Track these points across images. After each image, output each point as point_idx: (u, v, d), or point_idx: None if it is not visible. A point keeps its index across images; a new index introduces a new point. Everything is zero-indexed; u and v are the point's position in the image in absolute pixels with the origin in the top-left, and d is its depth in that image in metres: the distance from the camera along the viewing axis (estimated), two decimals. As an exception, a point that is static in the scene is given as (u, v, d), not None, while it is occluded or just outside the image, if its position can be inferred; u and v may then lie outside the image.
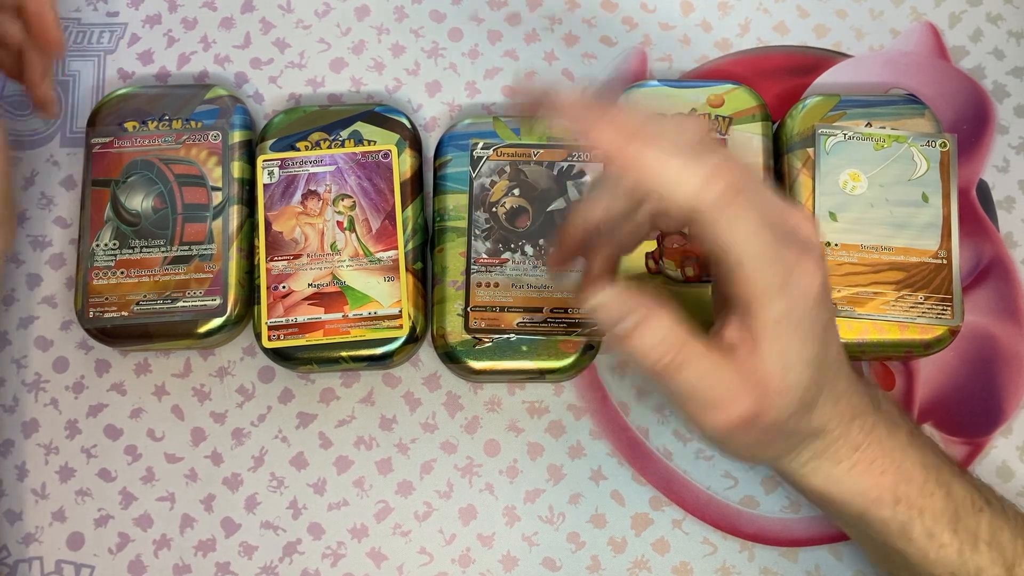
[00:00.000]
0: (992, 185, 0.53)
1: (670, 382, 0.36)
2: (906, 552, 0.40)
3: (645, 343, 0.35)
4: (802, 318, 0.35)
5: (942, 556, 0.40)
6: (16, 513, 0.49)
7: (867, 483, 0.40)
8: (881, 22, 0.55)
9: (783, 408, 0.36)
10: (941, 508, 0.40)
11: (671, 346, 0.35)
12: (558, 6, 0.55)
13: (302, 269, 0.48)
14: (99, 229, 0.49)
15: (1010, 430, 0.50)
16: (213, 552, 0.48)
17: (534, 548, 0.48)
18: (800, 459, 0.40)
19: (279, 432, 0.50)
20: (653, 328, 0.35)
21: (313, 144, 0.50)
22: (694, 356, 0.35)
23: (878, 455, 0.40)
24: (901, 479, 0.40)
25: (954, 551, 0.40)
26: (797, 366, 0.35)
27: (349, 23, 0.55)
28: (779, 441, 0.38)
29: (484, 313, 0.48)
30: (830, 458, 0.39)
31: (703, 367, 0.35)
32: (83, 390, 0.50)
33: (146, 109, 0.50)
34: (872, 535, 0.41)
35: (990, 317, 0.51)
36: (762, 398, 0.35)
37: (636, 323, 0.35)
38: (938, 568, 0.40)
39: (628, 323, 0.35)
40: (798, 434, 0.38)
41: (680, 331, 0.35)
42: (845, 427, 0.39)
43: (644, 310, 0.35)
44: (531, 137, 0.50)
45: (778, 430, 0.37)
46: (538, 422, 0.50)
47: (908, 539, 0.40)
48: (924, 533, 0.40)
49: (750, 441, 0.37)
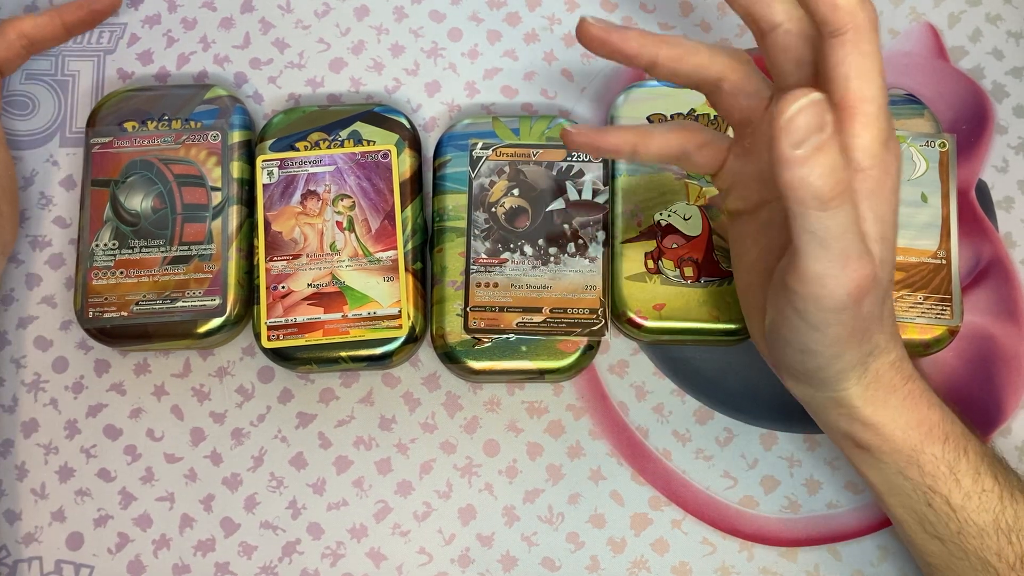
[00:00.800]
0: (991, 185, 0.53)
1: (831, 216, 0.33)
2: (951, 495, 0.40)
3: (831, 162, 0.32)
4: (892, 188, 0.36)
5: (984, 501, 0.40)
6: (15, 513, 0.49)
7: (920, 415, 0.40)
8: (880, 22, 0.55)
9: (883, 285, 0.37)
10: (982, 451, 0.40)
11: (845, 174, 0.33)
12: (558, 6, 0.55)
13: (301, 269, 0.48)
14: (98, 229, 0.49)
15: (1009, 430, 0.50)
16: (212, 552, 0.48)
17: (533, 548, 0.48)
18: (866, 379, 0.39)
19: (278, 432, 0.50)
20: (837, 148, 0.33)
21: (312, 144, 0.50)
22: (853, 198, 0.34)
23: (925, 389, 0.40)
24: (947, 416, 0.40)
25: (996, 496, 0.40)
26: (887, 238, 0.36)
27: (348, 23, 0.55)
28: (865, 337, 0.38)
29: (483, 313, 0.48)
30: (887, 384, 0.39)
31: (856, 214, 0.34)
32: (82, 390, 0.50)
33: (145, 109, 0.50)
34: (919, 478, 0.40)
35: (989, 317, 0.51)
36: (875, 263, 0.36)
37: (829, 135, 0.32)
38: (981, 514, 0.40)
39: (824, 134, 0.32)
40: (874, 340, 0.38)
41: None
42: (899, 352, 0.40)
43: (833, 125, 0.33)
44: (531, 137, 0.50)
45: (872, 319, 0.37)
46: (537, 422, 0.50)
47: (955, 479, 0.40)
48: (971, 472, 0.40)
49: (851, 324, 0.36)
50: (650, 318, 0.48)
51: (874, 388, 0.39)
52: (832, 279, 0.34)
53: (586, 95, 0.54)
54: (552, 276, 0.48)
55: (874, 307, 0.36)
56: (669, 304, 0.48)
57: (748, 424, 0.50)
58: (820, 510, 0.49)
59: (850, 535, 0.49)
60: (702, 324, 0.47)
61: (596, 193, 0.49)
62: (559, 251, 0.48)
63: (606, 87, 0.54)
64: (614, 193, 0.49)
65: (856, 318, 0.36)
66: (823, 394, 0.41)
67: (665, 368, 0.51)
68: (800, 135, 0.32)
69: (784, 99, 0.32)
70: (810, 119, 0.31)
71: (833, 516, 0.49)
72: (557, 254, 0.48)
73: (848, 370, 0.39)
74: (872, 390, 0.39)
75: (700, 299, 0.48)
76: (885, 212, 0.36)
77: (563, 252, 0.48)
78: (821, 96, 0.32)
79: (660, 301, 0.48)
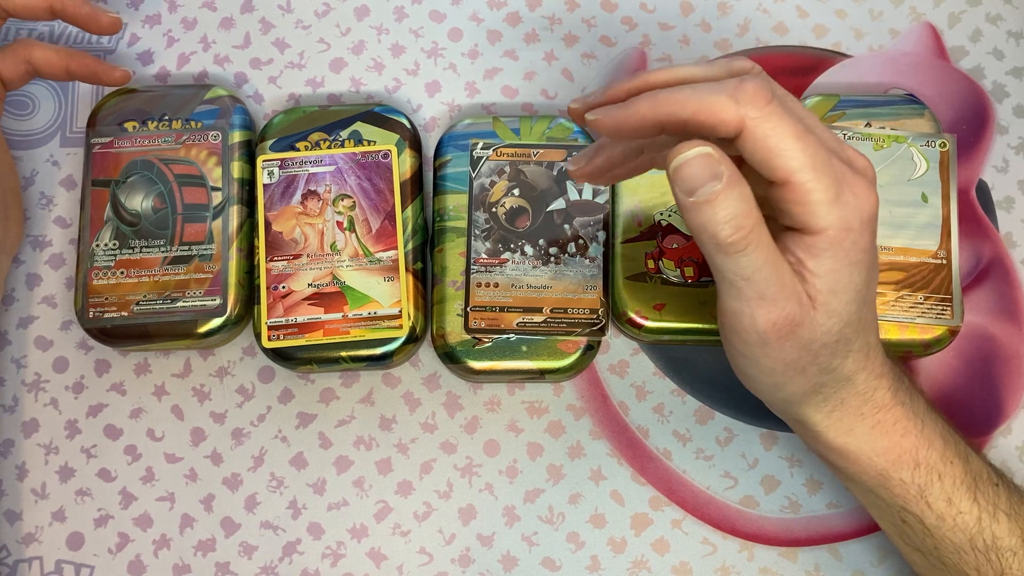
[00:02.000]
0: (991, 185, 0.53)
1: (734, 260, 0.35)
2: (924, 517, 0.40)
3: (727, 211, 0.34)
4: (855, 241, 0.35)
5: (960, 523, 0.40)
6: (16, 513, 0.49)
7: (889, 443, 0.40)
8: (880, 22, 0.55)
9: (825, 328, 0.36)
10: (961, 476, 0.40)
11: (748, 220, 0.34)
12: (558, 6, 0.55)
13: (302, 269, 0.48)
14: (99, 229, 0.49)
15: (1009, 430, 0.50)
16: (213, 552, 0.48)
17: (534, 548, 0.48)
18: (827, 407, 0.39)
19: (279, 432, 0.50)
20: (736, 197, 0.34)
21: (313, 144, 0.50)
22: (764, 240, 0.35)
23: (901, 417, 0.40)
24: (922, 443, 0.40)
25: (972, 519, 0.40)
26: (846, 292, 0.36)
27: (349, 23, 0.55)
28: (811, 371, 0.37)
29: (484, 313, 0.48)
30: (854, 412, 0.39)
31: (769, 255, 0.35)
32: (83, 390, 0.50)
33: (146, 109, 0.50)
34: (889, 498, 0.41)
35: (989, 317, 0.51)
36: (809, 310, 0.35)
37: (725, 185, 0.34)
38: (956, 534, 0.40)
39: (717, 185, 0.34)
40: (830, 373, 0.38)
41: (756, 207, 0.34)
42: (873, 383, 0.39)
43: (733, 175, 0.34)
44: (532, 137, 0.50)
45: (814, 355, 0.37)
46: (538, 422, 0.50)
47: (927, 503, 0.40)
48: (943, 498, 0.40)
49: (783, 359, 0.37)
50: (650, 318, 0.48)
51: (838, 415, 0.40)
52: (746, 317, 0.36)
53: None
54: (552, 276, 0.48)
55: (812, 345, 0.36)
56: (669, 304, 0.48)
57: (748, 424, 0.50)
58: (820, 510, 0.49)
59: (850, 535, 0.49)
60: (702, 324, 0.47)
61: (596, 193, 0.49)
62: (559, 251, 0.48)
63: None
64: (614, 193, 0.49)
65: (786, 353, 0.37)
66: (785, 415, 0.41)
67: (665, 368, 0.51)
68: (689, 184, 0.34)
69: (673, 150, 0.34)
70: (697, 170, 0.34)
71: (833, 516, 0.49)
72: (557, 254, 0.48)
73: (799, 397, 0.39)
74: (835, 418, 0.40)
75: (700, 299, 0.48)
76: (840, 266, 0.36)
77: (563, 252, 0.48)
78: (709, 149, 0.34)
79: (660, 301, 0.48)
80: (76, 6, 0.48)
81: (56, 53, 0.48)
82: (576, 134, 0.50)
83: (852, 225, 0.35)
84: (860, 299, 0.36)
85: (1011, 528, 0.40)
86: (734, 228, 0.34)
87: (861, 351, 0.38)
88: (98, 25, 0.49)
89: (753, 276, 0.35)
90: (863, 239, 0.35)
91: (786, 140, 0.34)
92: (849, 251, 0.35)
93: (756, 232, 0.34)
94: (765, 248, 0.35)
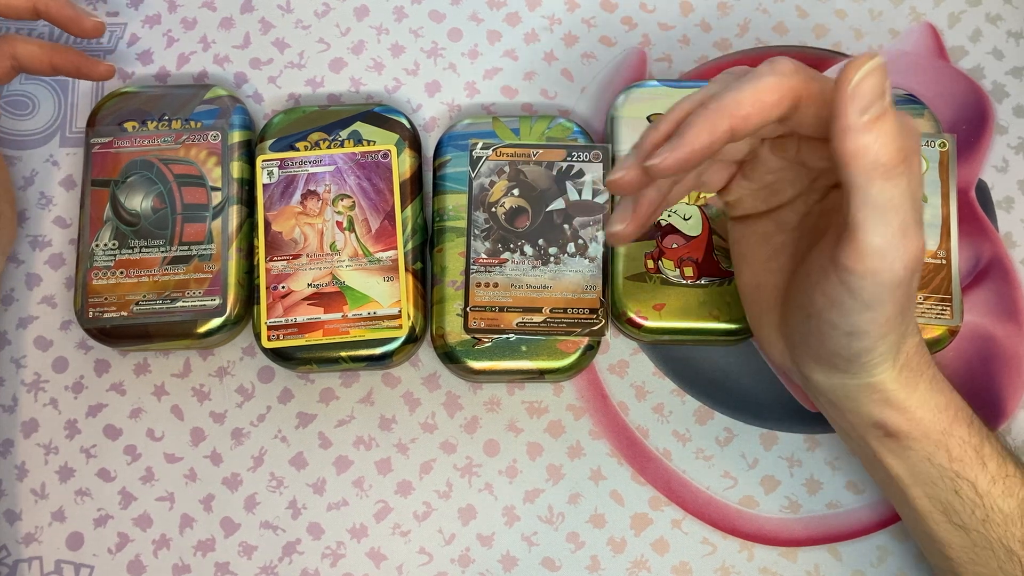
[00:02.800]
0: (991, 185, 0.53)
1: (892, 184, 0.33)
2: (977, 481, 0.40)
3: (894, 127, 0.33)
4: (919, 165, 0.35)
5: (1010, 486, 0.40)
6: (15, 513, 0.49)
7: (945, 398, 0.40)
8: (880, 22, 0.55)
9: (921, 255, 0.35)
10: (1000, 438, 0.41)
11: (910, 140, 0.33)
12: (558, 6, 0.55)
13: (301, 269, 0.48)
14: (98, 229, 0.49)
15: (1009, 430, 0.50)
16: (212, 552, 0.48)
17: (534, 548, 0.48)
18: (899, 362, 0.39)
19: (279, 432, 0.50)
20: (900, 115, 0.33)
21: (312, 144, 0.50)
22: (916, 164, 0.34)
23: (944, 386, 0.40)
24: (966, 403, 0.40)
25: (1020, 481, 0.40)
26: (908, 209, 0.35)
27: (348, 23, 0.55)
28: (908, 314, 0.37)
29: (483, 313, 0.48)
30: (915, 367, 0.39)
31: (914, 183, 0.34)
32: (82, 390, 0.50)
33: (145, 109, 0.50)
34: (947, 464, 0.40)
35: (989, 317, 0.51)
36: None
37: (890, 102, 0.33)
38: (1006, 499, 0.40)
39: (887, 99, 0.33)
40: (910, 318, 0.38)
41: None
42: (920, 335, 0.40)
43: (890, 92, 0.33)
44: (531, 137, 0.50)
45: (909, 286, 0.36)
46: (537, 422, 0.50)
47: (982, 463, 0.40)
48: (996, 456, 0.40)
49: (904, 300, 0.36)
50: (650, 318, 0.48)
51: (907, 371, 0.39)
52: (892, 252, 0.34)
53: (586, 95, 0.54)
54: (552, 276, 0.48)
55: (916, 279, 0.36)
56: (669, 304, 0.48)
57: (748, 424, 0.50)
58: (820, 510, 0.49)
59: (850, 535, 0.49)
60: (702, 324, 0.47)
61: (596, 193, 0.49)
62: (559, 251, 0.48)
63: (606, 87, 0.54)
64: (614, 193, 0.49)
65: (907, 295, 0.36)
66: (858, 381, 0.40)
67: (665, 368, 0.51)
68: (866, 101, 0.32)
69: (848, 66, 0.32)
70: (875, 84, 0.32)
71: (833, 516, 0.49)
72: (557, 254, 0.48)
73: (888, 351, 0.38)
74: (904, 372, 0.39)
75: (700, 299, 0.48)
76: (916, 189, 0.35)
77: (563, 252, 0.48)
78: (882, 60, 0.32)
79: (660, 301, 0.48)
80: (60, 8, 0.48)
81: (40, 48, 0.48)
82: (576, 134, 0.50)
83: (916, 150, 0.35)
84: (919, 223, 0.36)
85: None
86: (898, 147, 0.33)
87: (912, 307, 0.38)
88: (80, 28, 0.48)
89: (902, 204, 0.34)
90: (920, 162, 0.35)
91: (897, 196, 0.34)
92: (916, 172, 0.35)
93: (909, 156, 0.33)
94: (912, 175, 0.34)
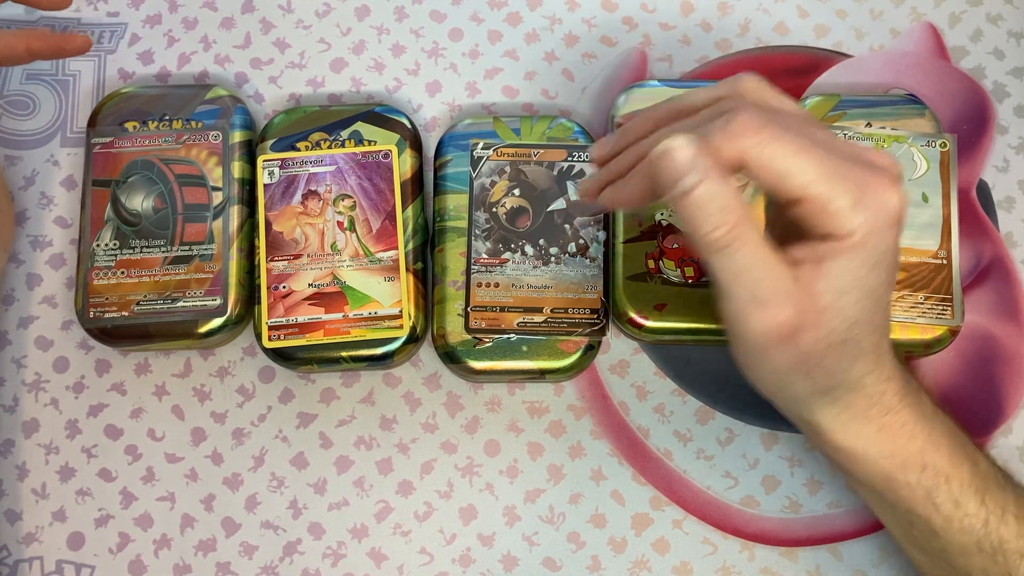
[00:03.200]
0: (992, 185, 0.53)
1: (723, 259, 0.34)
2: (931, 519, 0.40)
3: (708, 205, 0.33)
4: (878, 243, 0.34)
5: (967, 525, 0.40)
6: (16, 513, 0.49)
7: (895, 446, 0.39)
8: (881, 22, 0.55)
9: (827, 331, 0.35)
10: (968, 478, 0.40)
11: (732, 215, 0.33)
12: (558, 6, 0.55)
13: (302, 269, 0.48)
14: (99, 229, 0.49)
15: (1010, 430, 0.50)
16: (213, 552, 0.48)
17: (534, 548, 0.48)
18: (834, 409, 0.39)
19: (279, 432, 0.50)
20: (717, 189, 0.33)
21: (313, 144, 0.50)
22: (752, 239, 0.34)
23: (908, 420, 0.39)
24: (929, 446, 0.40)
25: (979, 521, 0.40)
26: (859, 291, 0.35)
27: (349, 23, 0.55)
28: (817, 373, 0.37)
29: (484, 313, 0.48)
30: (861, 415, 0.39)
31: (759, 255, 0.34)
32: (83, 390, 0.50)
33: (146, 109, 0.50)
34: (896, 501, 0.41)
35: (990, 317, 0.51)
36: (808, 314, 0.35)
37: (703, 177, 0.33)
38: (963, 536, 0.40)
39: (695, 176, 0.33)
40: (837, 376, 0.37)
41: (742, 204, 0.34)
42: (881, 387, 0.39)
43: (713, 168, 0.33)
44: (532, 137, 0.50)
45: (819, 358, 0.36)
46: (538, 422, 0.50)
47: (934, 505, 0.40)
48: (950, 500, 0.40)
49: (786, 363, 0.36)
50: (651, 318, 0.48)
51: (845, 418, 0.39)
52: (741, 321, 0.35)
53: (587, 95, 0.54)
54: (553, 276, 0.48)
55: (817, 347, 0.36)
56: (670, 304, 0.48)
57: (749, 424, 0.50)
58: (821, 510, 0.49)
59: (851, 535, 0.49)
60: (703, 324, 0.47)
61: (597, 193, 0.49)
62: (560, 251, 0.48)
63: (607, 87, 0.54)
64: (615, 193, 0.49)
65: (788, 356, 0.36)
66: (791, 416, 0.41)
67: (666, 368, 0.51)
68: (669, 177, 0.34)
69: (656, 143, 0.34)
70: (676, 163, 0.33)
71: (834, 516, 0.49)
72: (558, 254, 0.48)
73: (805, 399, 0.39)
74: (842, 420, 0.39)
75: (701, 299, 0.48)
76: (859, 267, 0.35)
77: (564, 252, 0.48)
78: (685, 141, 0.33)
79: (661, 301, 0.48)
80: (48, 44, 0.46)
81: (14, 36, 0.47)
82: (576, 134, 0.50)
83: (878, 226, 0.34)
84: (874, 299, 0.36)
85: (1019, 531, 0.40)
86: (716, 223, 0.33)
87: (872, 354, 0.38)
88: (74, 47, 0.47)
89: (742, 276, 0.34)
90: (888, 238, 0.35)
91: (789, 159, 0.34)
92: (872, 252, 0.34)
93: (741, 228, 0.34)
94: (753, 246, 0.34)
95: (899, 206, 0.35)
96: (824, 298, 0.35)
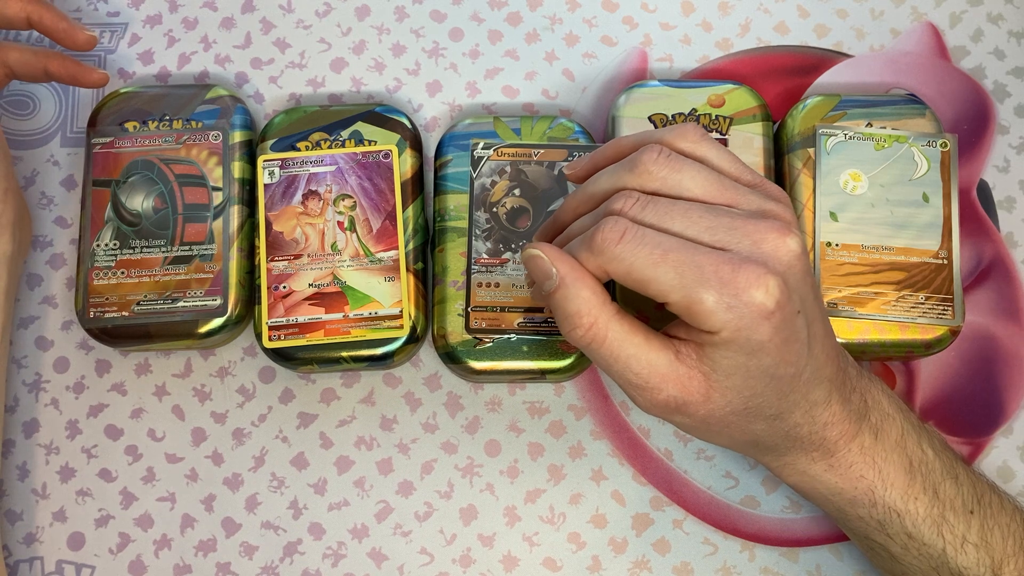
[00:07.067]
0: (993, 185, 0.53)
1: (590, 352, 0.36)
2: (887, 545, 0.41)
3: (568, 306, 0.35)
4: (750, 336, 0.34)
5: (924, 553, 0.40)
6: (17, 513, 0.49)
7: (844, 484, 0.40)
8: (882, 22, 0.55)
9: (722, 404, 0.36)
10: (924, 513, 0.40)
11: (586, 319, 0.35)
12: (558, 6, 0.55)
13: (303, 269, 0.48)
14: (99, 229, 0.49)
15: (1011, 430, 0.50)
16: (214, 552, 0.48)
17: (535, 548, 0.48)
18: (773, 453, 0.40)
19: (279, 432, 0.50)
20: (573, 294, 0.35)
21: (314, 144, 0.50)
22: (612, 335, 0.35)
23: (857, 460, 0.40)
24: (880, 484, 0.40)
25: (937, 551, 0.40)
26: (744, 374, 0.35)
27: (349, 23, 0.55)
28: (732, 431, 0.38)
29: (485, 313, 0.47)
30: (804, 457, 0.40)
31: (625, 347, 0.35)
32: (83, 390, 0.50)
33: (146, 109, 0.50)
34: (852, 529, 0.42)
35: (991, 317, 0.51)
36: (693, 392, 0.36)
37: (558, 284, 0.35)
38: (921, 562, 0.40)
39: (551, 283, 0.36)
40: (756, 434, 0.38)
41: (600, 304, 0.35)
42: (820, 434, 0.39)
43: (570, 273, 0.35)
44: (533, 137, 0.50)
45: (721, 425, 0.37)
46: (539, 422, 0.50)
47: (887, 536, 0.40)
48: (903, 533, 0.40)
49: (692, 426, 0.37)
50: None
51: (787, 460, 0.40)
52: (633, 397, 0.37)
53: (587, 95, 0.54)
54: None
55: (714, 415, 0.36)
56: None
57: (749, 424, 0.50)
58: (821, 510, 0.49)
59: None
60: (703, 324, 0.47)
61: (597, 193, 0.49)
62: (560, 251, 0.48)
63: (607, 87, 0.54)
64: (615, 193, 0.49)
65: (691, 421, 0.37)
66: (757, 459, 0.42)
67: (666, 368, 0.50)
68: (536, 277, 0.36)
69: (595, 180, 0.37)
70: (534, 270, 0.36)
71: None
72: (558, 254, 0.48)
73: (738, 447, 0.40)
74: (785, 462, 0.40)
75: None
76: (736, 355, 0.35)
77: (564, 252, 0.48)
78: (538, 252, 0.36)
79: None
80: (53, 20, 0.48)
81: (34, 55, 0.48)
82: (577, 134, 0.50)
83: (744, 324, 0.34)
84: (769, 375, 0.35)
85: (979, 559, 0.40)
86: (573, 324, 0.35)
87: (797, 411, 0.37)
88: (74, 41, 0.48)
89: (612, 366, 0.36)
90: (760, 331, 0.34)
91: (647, 270, 0.34)
92: (745, 345, 0.34)
93: (597, 329, 0.35)
94: (614, 342, 0.35)
95: (765, 300, 0.34)
96: (711, 377, 0.35)
